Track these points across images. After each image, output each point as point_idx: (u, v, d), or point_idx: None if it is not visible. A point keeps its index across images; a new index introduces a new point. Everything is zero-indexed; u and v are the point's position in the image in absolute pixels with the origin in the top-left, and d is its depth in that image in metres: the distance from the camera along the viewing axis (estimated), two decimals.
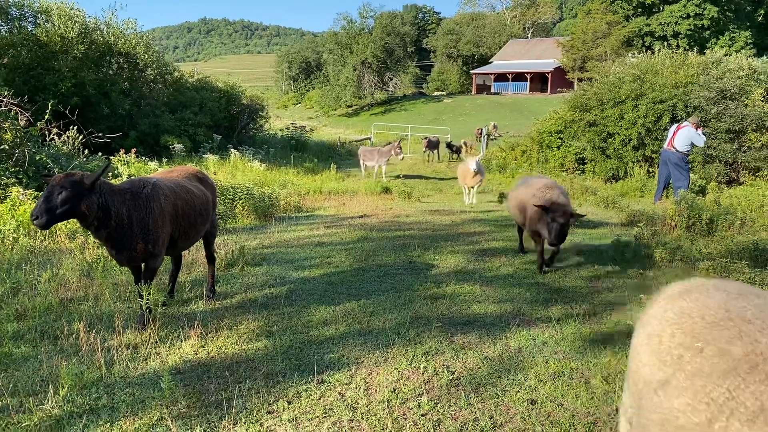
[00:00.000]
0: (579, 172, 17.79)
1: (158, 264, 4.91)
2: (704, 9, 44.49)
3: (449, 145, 25.34)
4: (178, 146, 19.70)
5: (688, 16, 45.10)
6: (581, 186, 15.18)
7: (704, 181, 14.32)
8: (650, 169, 15.84)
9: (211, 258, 5.88)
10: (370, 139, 30.65)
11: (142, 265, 4.90)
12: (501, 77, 58.62)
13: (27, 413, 3.47)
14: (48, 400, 3.58)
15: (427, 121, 40.70)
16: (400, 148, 18.83)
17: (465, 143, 26.03)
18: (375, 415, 3.55)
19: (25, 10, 20.83)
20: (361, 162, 19.60)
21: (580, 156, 18.09)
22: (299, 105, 68.07)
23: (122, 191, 4.58)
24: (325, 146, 28.04)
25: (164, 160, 16.84)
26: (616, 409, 3.66)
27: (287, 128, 31.47)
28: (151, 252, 4.72)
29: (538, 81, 56.30)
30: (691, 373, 1.87)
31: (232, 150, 19.58)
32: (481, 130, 26.45)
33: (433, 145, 24.77)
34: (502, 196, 13.28)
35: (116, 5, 22.68)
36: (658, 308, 2.24)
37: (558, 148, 18.82)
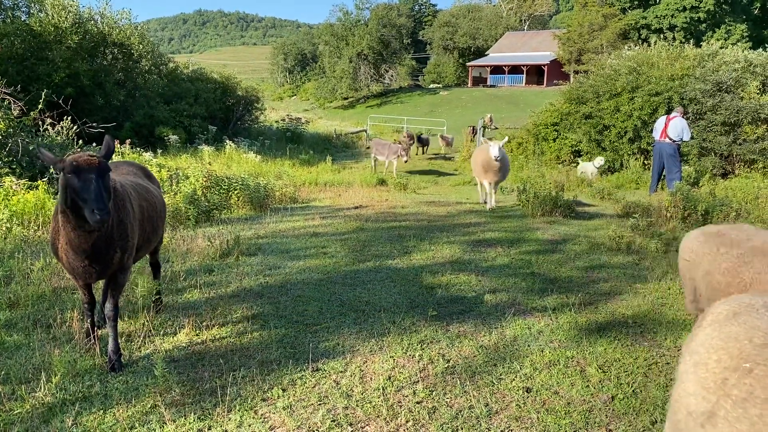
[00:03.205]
0: (575, 164, 17.79)
1: (128, 278, 4.23)
2: (700, 2, 44.41)
3: (419, 139, 25.14)
4: (173, 137, 19.62)
5: (685, 9, 45.03)
6: (577, 178, 15.19)
7: (697, 174, 14.33)
8: (645, 162, 15.85)
9: (156, 266, 5.26)
10: (366, 131, 30.55)
11: (101, 281, 4.17)
12: (497, 70, 58.47)
13: (19, 401, 3.45)
14: (40, 388, 3.55)
15: (423, 114, 40.61)
16: (406, 151, 17.79)
17: (443, 138, 25.10)
18: (370, 402, 3.54)
19: None
20: (372, 155, 18.73)
21: (576, 148, 18.08)
22: (295, 97, 67.88)
23: None
24: (321, 138, 27.95)
25: (159, 151, 16.77)
26: (612, 398, 3.66)
27: (283, 120, 31.34)
28: (124, 264, 3.97)
29: (535, 73, 56.17)
30: (740, 399, 1.70)
31: (227, 141, 19.52)
32: (473, 128, 25.81)
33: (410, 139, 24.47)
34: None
35: None
36: (704, 335, 2.09)
37: (554, 140, 18.80)
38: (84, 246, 3.65)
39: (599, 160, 15.65)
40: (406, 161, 17.60)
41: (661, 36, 26.19)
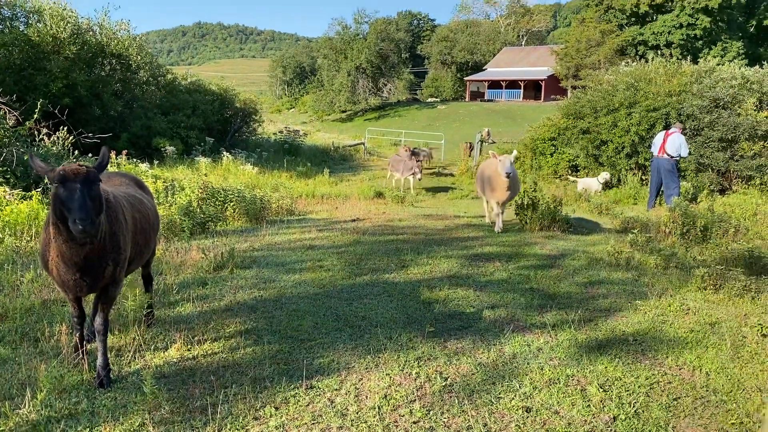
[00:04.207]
0: (572, 181, 17.76)
1: (119, 292, 4.10)
2: (697, 19, 44.72)
3: (413, 152, 24.82)
4: (170, 148, 19.54)
5: (681, 26, 45.33)
6: (575, 193, 15.15)
7: (695, 190, 14.30)
8: (643, 177, 15.83)
9: (148, 279, 5.12)
10: (364, 144, 30.54)
11: (92, 295, 4.04)
12: (495, 84, 58.69)
13: (3, 418, 3.33)
14: (25, 405, 3.44)
15: (421, 127, 40.62)
16: (419, 169, 16.79)
17: (423, 151, 23.60)
18: (365, 422, 3.44)
19: (17, 9, 20.65)
20: (390, 172, 17.86)
21: (574, 163, 18.07)
22: (293, 109, 67.96)
23: None
24: (319, 150, 27.92)
25: (156, 162, 16.71)
26: (614, 418, 3.56)
27: (281, 132, 31.32)
28: (116, 277, 3.87)
29: (532, 88, 56.39)
30: None
31: (224, 153, 19.46)
32: (470, 144, 25.33)
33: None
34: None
35: (109, 6, 22.46)
36: None
37: (551, 155, 18.80)
38: (75, 259, 3.56)
39: (604, 175, 15.62)
40: (419, 179, 16.89)
41: (658, 52, 26.25)
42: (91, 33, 21.43)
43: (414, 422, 3.44)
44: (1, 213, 8.33)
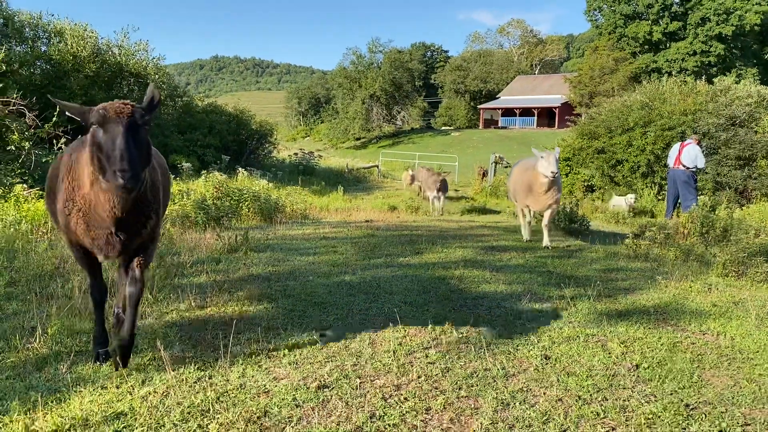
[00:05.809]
0: (588, 195, 17.64)
1: (156, 248, 3.57)
2: (711, 46, 44.89)
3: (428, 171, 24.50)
4: (186, 165, 19.70)
5: (695, 53, 45.50)
6: (591, 205, 15.03)
7: (713, 203, 14.07)
8: (659, 195, 15.65)
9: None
10: (377, 166, 30.66)
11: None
12: (508, 112, 58.96)
13: (13, 351, 3.29)
14: (36, 339, 3.40)
15: (435, 153, 40.81)
16: (443, 185, 14.59)
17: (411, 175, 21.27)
18: (380, 361, 3.35)
19: (39, 30, 21.15)
20: (424, 192, 16.36)
21: (589, 183, 17.94)
22: (308, 138, 68.58)
23: None
24: (333, 172, 28.05)
25: (172, 176, 16.83)
26: (636, 366, 3.45)
27: (295, 154, 31.53)
28: (154, 233, 3.24)
29: (546, 116, 56.53)
30: None
31: (240, 170, 19.58)
32: (485, 171, 24.90)
33: (414, 179, 23.20)
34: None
35: (129, 28, 22.89)
36: None
37: (566, 175, 18.67)
38: (118, 210, 2.87)
39: (629, 199, 15.47)
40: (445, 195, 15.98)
41: (673, 76, 26.32)
42: (110, 53, 21.87)
43: (430, 363, 3.35)
44: (19, 209, 8.45)
